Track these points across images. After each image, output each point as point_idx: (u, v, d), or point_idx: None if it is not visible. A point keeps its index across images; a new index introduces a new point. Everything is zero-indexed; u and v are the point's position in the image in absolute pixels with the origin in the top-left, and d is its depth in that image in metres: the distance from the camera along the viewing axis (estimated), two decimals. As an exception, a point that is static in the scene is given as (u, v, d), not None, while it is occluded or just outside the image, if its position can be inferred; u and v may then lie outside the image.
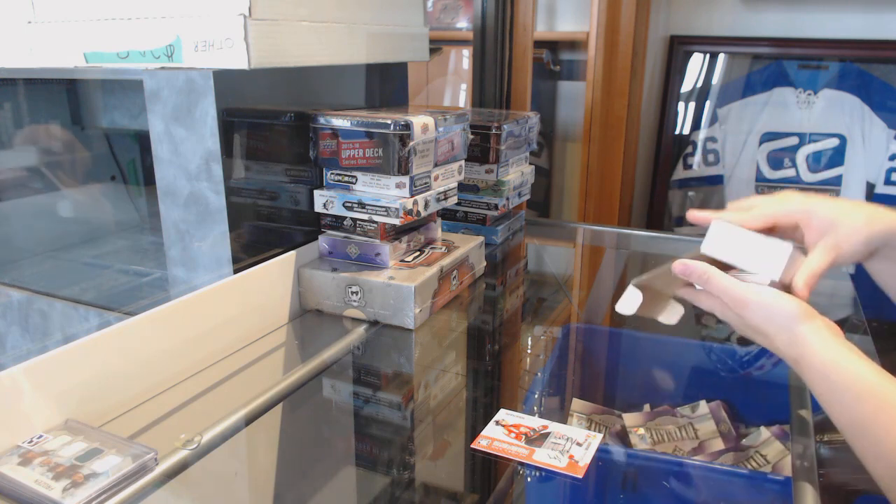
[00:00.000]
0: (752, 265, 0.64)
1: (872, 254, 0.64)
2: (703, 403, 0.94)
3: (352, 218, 0.96)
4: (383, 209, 0.93)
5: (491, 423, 0.71)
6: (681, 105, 2.11)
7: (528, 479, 0.67)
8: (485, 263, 1.13)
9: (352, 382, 0.84)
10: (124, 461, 0.58)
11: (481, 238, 1.12)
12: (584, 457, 0.65)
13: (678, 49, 2.09)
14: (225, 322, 0.83)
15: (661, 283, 0.68)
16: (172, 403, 0.73)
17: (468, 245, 1.06)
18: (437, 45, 2.14)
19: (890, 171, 1.87)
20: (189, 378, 0.78)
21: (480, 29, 1.56)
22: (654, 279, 0.67)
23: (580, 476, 0.63)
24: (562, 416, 0.95)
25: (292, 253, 0.94)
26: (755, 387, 0.96)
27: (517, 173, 1.30)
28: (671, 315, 0.70)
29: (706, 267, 0.64)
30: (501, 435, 0.69)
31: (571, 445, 0.67)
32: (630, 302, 0.66)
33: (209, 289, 0.80)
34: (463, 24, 2.21)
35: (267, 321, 0.91)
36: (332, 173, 0.97)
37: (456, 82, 2.21)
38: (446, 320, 0.99)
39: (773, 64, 1.98)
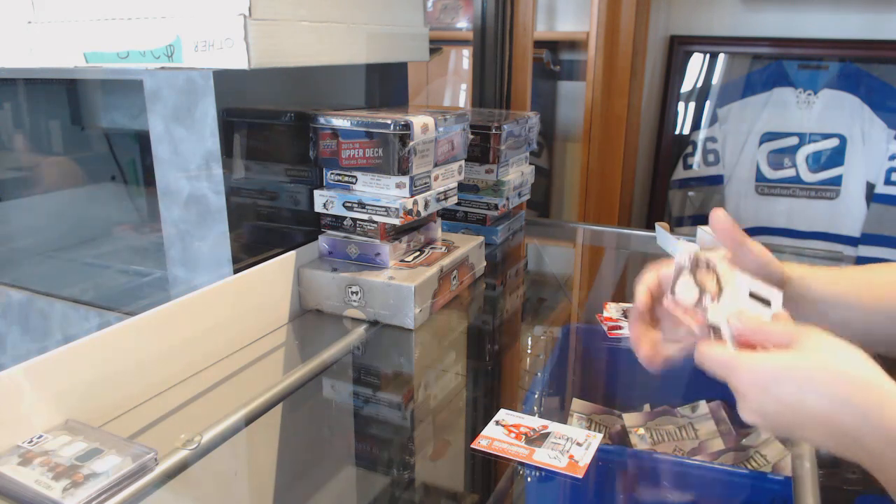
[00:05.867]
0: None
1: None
2: (703, 403, 0.94)
3: (352, 218, 0.96)
4: (383, 209, 0.93)
5: (491, 423, 0.71)
6: (681, 105, 2.11)
7: (528, 479, 0.67)
8: (485, 263, 1.13)
9: (352, 382, 0.84)
10: (124, 461, 0.58)
11: (481, 238, 1.11)
12: (584, 457, 0.65)
13: (678, 49, 2.09)
14: (225, 322, 0.83)
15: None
16: (172, 403, 0.73)
17: (468, 245, 1.06)
18: (437, 45, 2.14)
19: (890, 171, 1.87)
20: (189, 378, 0.78)
21: (480, 29, 1.56)
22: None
23: (580, 476, 0.63)
24: (562, 416, 0.95)
25: (292, 253, 0.94)
26: (755, 387, 0.95)
27: (517, 173, 1.30)
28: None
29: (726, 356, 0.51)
30: (501, 435, 0.69)
31: (571, 445, 0.67)
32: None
33: (209, 289, 0.80)
34: (463, 24, 2.21)
35: (267, 321, 0.91)
36: (332, 173, 0.97)
37: (456, 82, 2.21)
38: (446, 320, 0.99)
39: (773, 64, 1.98)
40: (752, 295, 0.54)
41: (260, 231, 0.93)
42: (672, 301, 0.54)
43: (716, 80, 2.06)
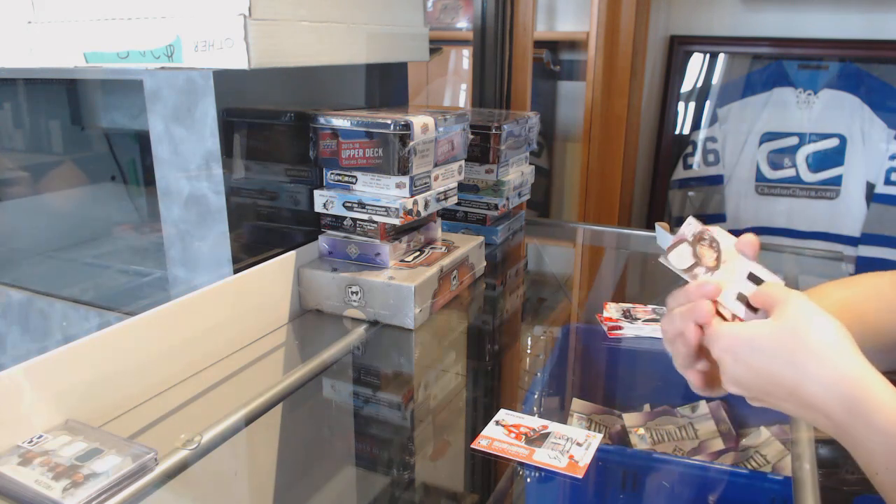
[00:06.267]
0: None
1: None
2: (703, 403, 0.94)
3: (352, 218, 0.96)
4: (383, 209, 0.93)
5: (491, 423, 0.71)
6: (681, 105, 2.11)
7: (528, 479, 0.67)
8: (485, 263, 1.13)
9: (352, 382, 0.84)
10: (124, 461, 0.58)
11: (481, 238, 1.11)
12: (584, 457, 0.65)
13: (678, 49, 2.09)
14: (225, 322, 0.83)
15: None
16: (172, 403, 0.73)
17: (468, 245, 1.06)
18: (437, 45, 2.14)
19: (890, 171, 1.87)
20: (189, 378, 0.78)
21: (480, 29, 1.56)
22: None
23: (580, 476, 0.63)
24: (562, 416, 0.95)
25: (292, 253, 0.94)
26: (755, 387, 0.95)
27: (517, 173, 1.30)
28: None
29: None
30: (501, 435, 0.69)
31: (571, 445, 0.67)
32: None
33: (209, 289, 0.80)
34: (463, 24, 2.21)
35: (267, 321, 0.91)
36: (332, 173, 0.97)
37: (456, 82, 2.21)
38: (446, 320, 0.99)
39: (773, 64, 1.98)
40: (751, 277, 0.55)
41: (260, 231, 0.93)
42: (666, 260, 0.56)
43: (716, 80, 2.06)
